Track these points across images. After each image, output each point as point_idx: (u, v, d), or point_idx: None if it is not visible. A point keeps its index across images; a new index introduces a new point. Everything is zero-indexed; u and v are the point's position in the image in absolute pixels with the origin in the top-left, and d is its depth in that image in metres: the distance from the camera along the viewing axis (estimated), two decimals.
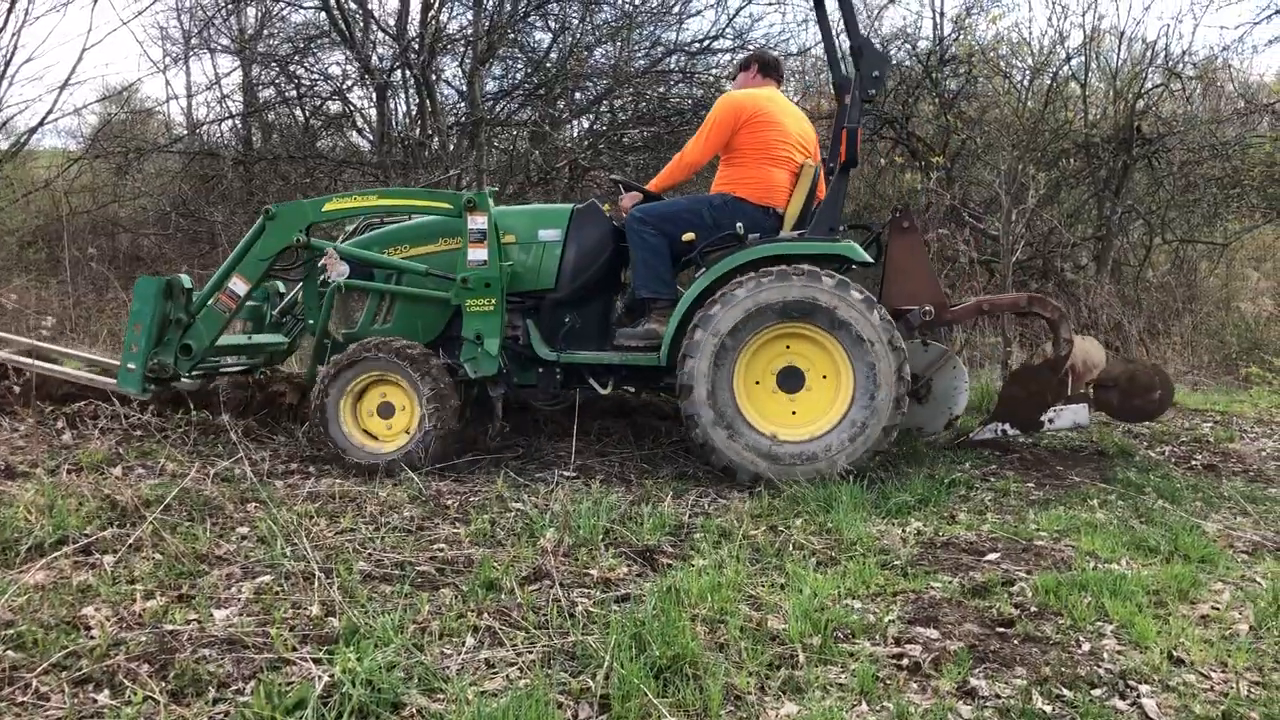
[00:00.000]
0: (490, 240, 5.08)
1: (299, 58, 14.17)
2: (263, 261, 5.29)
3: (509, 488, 4.21)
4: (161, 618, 2.83)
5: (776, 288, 4.74)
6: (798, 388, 4.87)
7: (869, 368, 4.72)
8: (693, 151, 5.30)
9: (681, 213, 5.19)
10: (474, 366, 5.03)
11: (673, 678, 2.51)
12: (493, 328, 5.04)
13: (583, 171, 13.08)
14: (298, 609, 2.92)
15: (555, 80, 12.88)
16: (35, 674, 2.49)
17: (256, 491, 4.05)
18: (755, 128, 5.12)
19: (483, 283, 5.05)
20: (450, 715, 2.29)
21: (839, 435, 4.72)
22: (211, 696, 2.40)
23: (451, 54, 13.18)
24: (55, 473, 4.23)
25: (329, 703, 2.32)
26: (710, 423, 4.71)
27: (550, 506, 3.90)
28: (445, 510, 3.92)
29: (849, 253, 4.98)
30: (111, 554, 3.31)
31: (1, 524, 3.46)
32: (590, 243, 5.28)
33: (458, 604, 2.96)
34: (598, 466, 4.99)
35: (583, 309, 5.32)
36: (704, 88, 14.00)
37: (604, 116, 14.07)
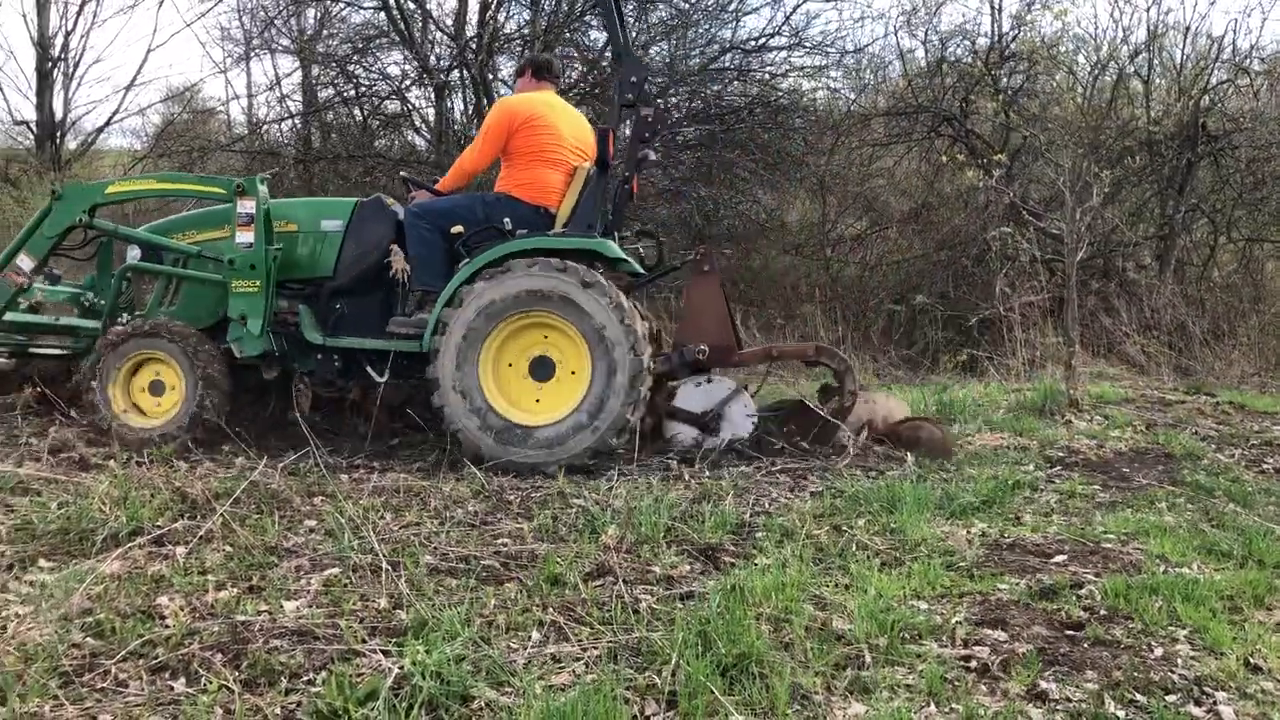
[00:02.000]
0: (258, 224, 5.28)
1: (358, 58, 14.34)
2: (48, 240, 5.52)
3: (570, 484, 4.23)
4: (234, 608, 2.89)
5: (521, 277, 4.92)
6: (547, 377, 5.05)
7: (607, 367, 4.87)
8: (469, 158, 5.49)
9: (456, 209, 5.35)
10: (239, 347, 5.25)
11: (739, 676, 2.50)
12: (257, 309, 5.23)
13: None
14: (366, 601, 2.95)
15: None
16: (114, 661, 2.54)
17: (323, 485, 4.11)
18: (529, 131, 5.28)
19: (248, 265, 5.26)
20: (518, 709, 2.31)
21: (565, 427, 4.87)
22: (284, 686, 2.44)
23: (508, 53, 13.28)
24: (128, 465, 4.32)
25: (399, 694, 2.34)
26: (453, 399, 4.89)
27: (611, 503, 3.91)
28: (508, 505, 3.95)
29: (602, 248, 5.14)
30: (183, 545, 3.38)
31: (79, 515, 3.55)
32: (370, 235, 5.46)
33: (522, 598, 2.98)
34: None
35: (359, 298, 5.49)
36: (759, 85, 13.97)
37: None
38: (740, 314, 10.76)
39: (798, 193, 14.83)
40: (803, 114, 13.76)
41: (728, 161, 13.05)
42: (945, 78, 12.86)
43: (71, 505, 3.67)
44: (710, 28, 13.94)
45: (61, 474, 4.14)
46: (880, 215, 13.89)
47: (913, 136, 13.34)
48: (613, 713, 2.27)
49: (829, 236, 13.72)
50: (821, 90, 14.82)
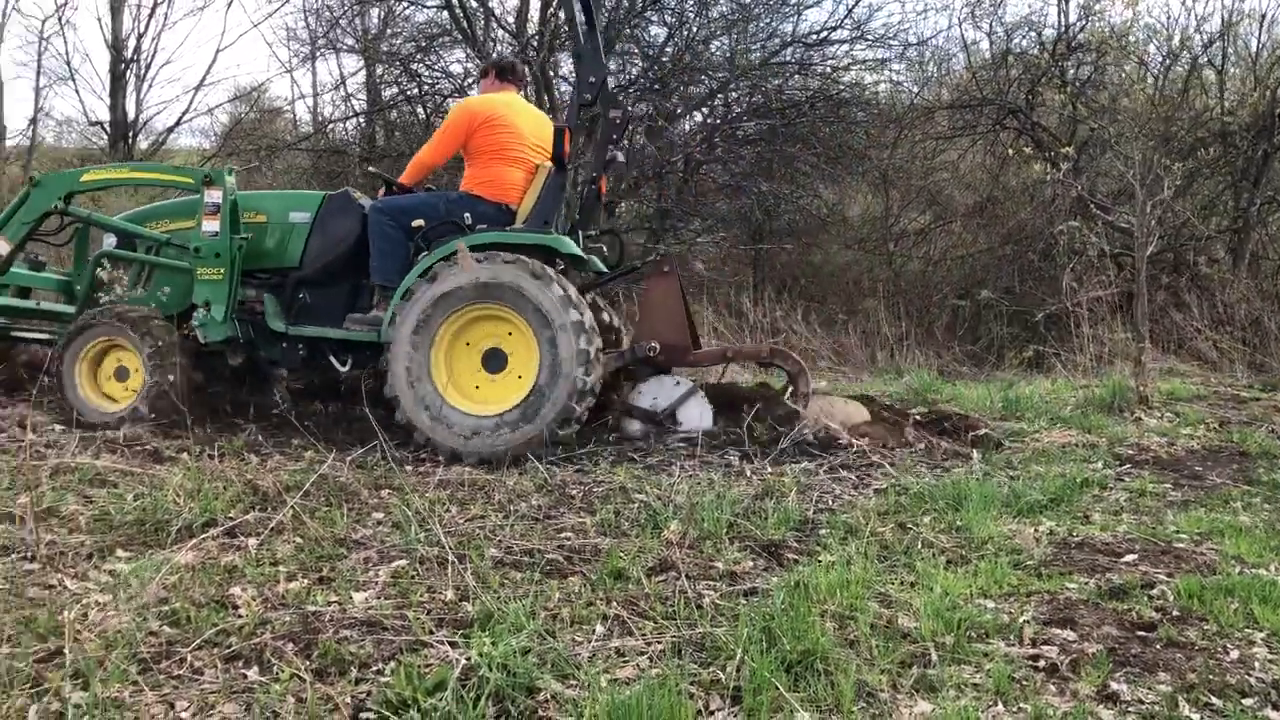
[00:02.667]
0: (223, 214, 5.48)
1: (421, 56, 14.49)
2: (25, 225, 5.79)
3: (632, 479, 4.24)
4: (304, 599, 2.94)
5: (481, 269, 5.06)
6: (500, 369, 5.20)
7: (554, 358, 4.99)
8: (426, 154, 5.66)
9: (419, 205, 5.50)
10: (203, 332, 5.48)
11: (803, 672, 2.49)
12: (220, 296, 5.45)
13: (697, 165, 13.09)
14: (433, 593, 2.99)
15: (671, 75, 12.89)
16: (190, 649, 2.61)
17: (390, 478, 4.17)
18: (489, 131, 5.42)
19: (213, 253, 5.47)
20: (583, 701, 2.32)
21: (513, 416, 4.99)
22: (354, 676, 2.48)
23: (569, 50, 13.33)
24: (200, 458, 4.41)
25: (467, 685, 2.37)
26: (404, 390, 5.05)
27: (673, 499, 3.92)
28: (570, 500, 3.98)
29: (556, 244, 5.28)
30: (255, 537, 3.45)
31: (154, 506, 3.63)
32: (336, 228, 5.63)
33: (586, 592, 2.99)
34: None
35: (323, 289, 5.66)
36: (820, 79, 13.87)
37: (718, 110, 14.03)
38: (801, 310, 10.73)
39: (859, 187, 14.73)
40: (865, 107, 13.64)
41: (788, 156, 12.99)
42: (1010, 70, 12.68)
43: (147, 497, 3.76)
44: (771, 21, 13.87)
45: (137, 466, 4.25)
46: (944, 209, 13.75)
47: (977, 129, 13.17)
48: (677, 707, 2.28)
49: (892, 231, 13.62)
50: (884, 83, 14.71)
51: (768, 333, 9.91)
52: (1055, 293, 10.33)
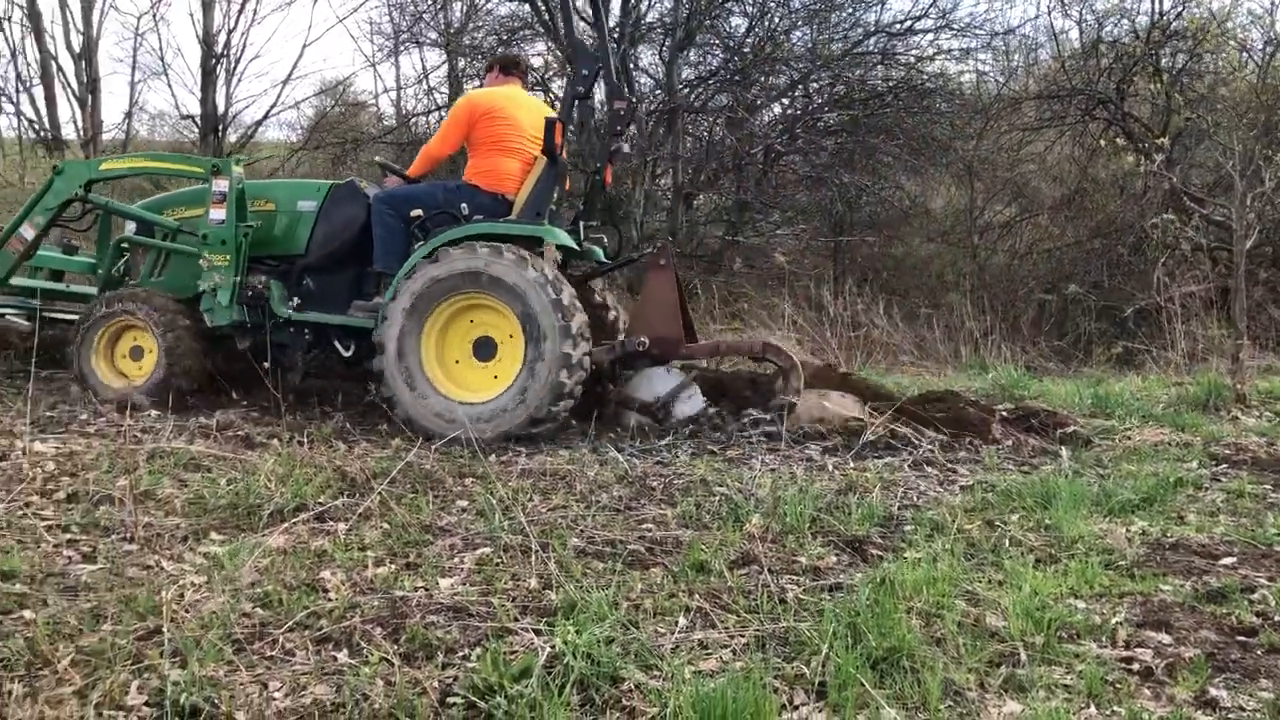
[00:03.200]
0: (229, 202, 5.69)
1: (502, 50, 14.61)
2: (49, 211, 6.05)
3: (712, 471, 4.23)
4: (392, 583, 2.99)
5: (458, 259, 5.18)
6: (490, 356, 5.33)
7: (538, 344, 5.07)
8: (433, 146, 5.86)
9: (419, 195, 5.66)
10: (211, 316, 5.69)
11: (889, 669, 2.47)
12: (226, 281, 5.66)
13: (777, 156, 12.99)
14: (517, 580, 3.02)
15: (752, 66, 12.81)
16: (282, 631, 2.66)
17: (474, 467, 4.22)
18: (489, 123, 5.56)
19: (219, 239, 5.68)
20: (667, 692, 2.33)
21: (500, 403, 5.10)
22: (441, 661, 2.51)
23: (649, 42, 13.33)
24: (289, 444, 4.51)
25: (552, 672, 2.39)
26: (394, 376, 5.18)
27: (754, 493, 3.90)
28: (651, 492, 3.98)
29: (547, 235, 5.40)
30: (344, 522, 3.52)
31: (246, 491, 3.72)
32: (341, 217, 5.79)
33: (668, 584, 3.00)
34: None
35: (327, 275, 5.83)
36: (904, 69, 13.67)
37: (799, 101, 13.92)
38: (883, 303, 10.60)
39: (943, 178, 14.50)
40: (949, 98, 13.41)
41: (870, 147, 12.83)
42: (1101, 58, 12.35)
43: (240, 481, 3.86)
44: (854, 11, 13.70)
45: (229, 452, 4.36)
46: (1030, 202, 13.45)
47: (1065, 120, 12.87)
48: (762, 700, 2.27)
49: (976, 223, 13.37)
50: (969, 73, 14.44)
51: (847, 326, 9.80)
52: (1145, 288, 10.05)
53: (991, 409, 5.69)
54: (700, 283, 11.17)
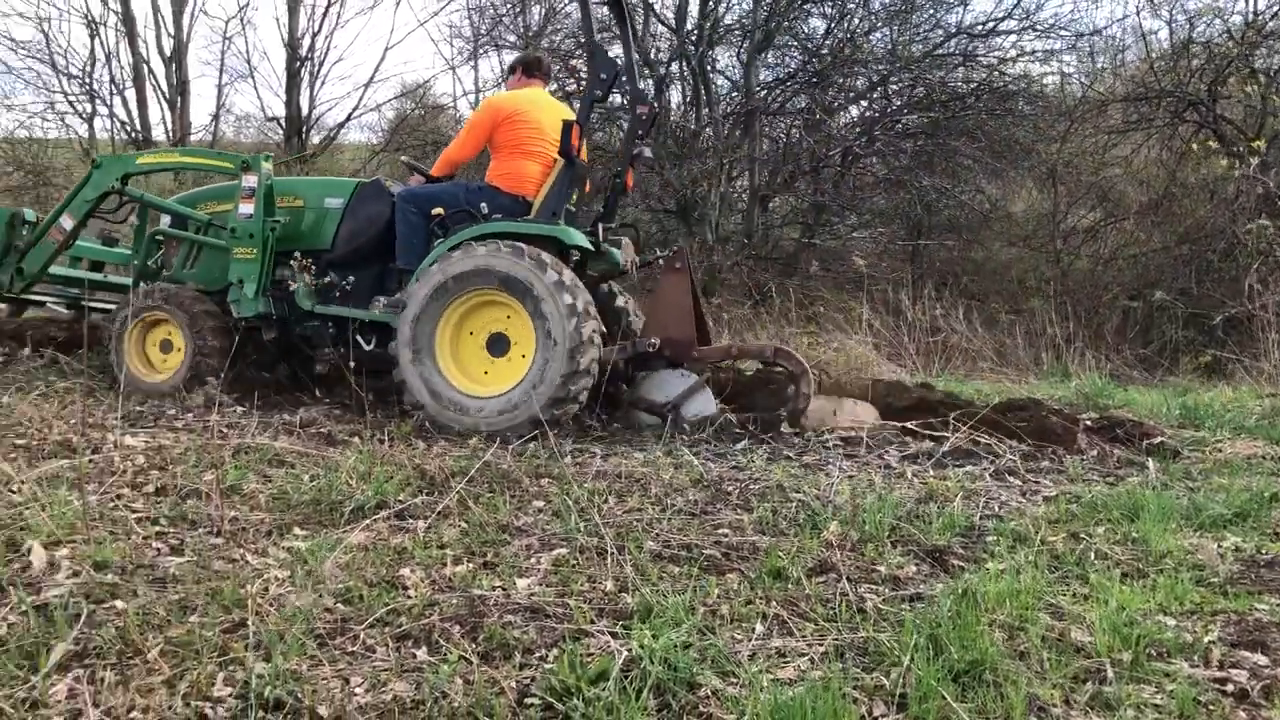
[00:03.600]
0: (258, 198, 5.89)
1: (580, 52, 14.67)
2: (87, 203, 6.29)
3: (789, 477, 4.20)
4: (470, 582, 3.01)
5: (473, 257, 5.31)
6: (503, 353, 5.43)
7: (548, 341, 5.18)
8: (454, 149, 6.00)
9: (441, 194, 5.80)
10: (237, 308, 5.89)
11: (971, 683, 2.42)
12: (253, 274, 5.86)
13: (854, 159, 12.89)
14: (593, 582, 3.02)
15: (831, 68, 12.71)
16: (363, 627, 2.70)
17: (549, 467, 4.24)
18: (511, 126, 5.70)
19: (247, 233, 5.90)
20: (744, 700, 2.31)
21: (510, 399, 5.20)
22: (518, 661, 2.52)
23: (728, 44, 13.32)
24: (369, 442, 4.58)
25: (629, 676, 2.38)
26: (409, 372, 5.32)
27: (832, 499, 3.86)
28: (726, 496, 3.96)
29: (562, 235, 5.51)
30: (423, 520, 3.56)
31: (328, 487, 3.79)
32: (366, 214, 5.96)
33: (745, 590, 2.97)
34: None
35: (352, 270, 5.96)
36: (986, 70, 13.46)
37: (878, 103, 13.78)
38: (962, 308, 10.44)
39: (1024, 182, 14.25)
40: (1032, 100, 13.18)
41: (950, 150, 12.66)
42: (1192, 60, 12.02)
43: (322, 478, 3.92)
44: (935, 12, 13.55)
45: (312, 448, 4.43)
46: (1116, 206, 13.16)
47: (1154, 123, 12.56)
48: (841, 710, 2.24)
49: (1059, 228, 13.11)
50: (1052, 75, 14.19)
51: (925, 331, 9.68)
52: (1236, 295, 9.75)
53: (1075, 418, 5.56)
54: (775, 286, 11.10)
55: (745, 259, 11.80)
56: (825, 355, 8.55)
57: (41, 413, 4.68)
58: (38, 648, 2.53)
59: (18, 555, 3.10)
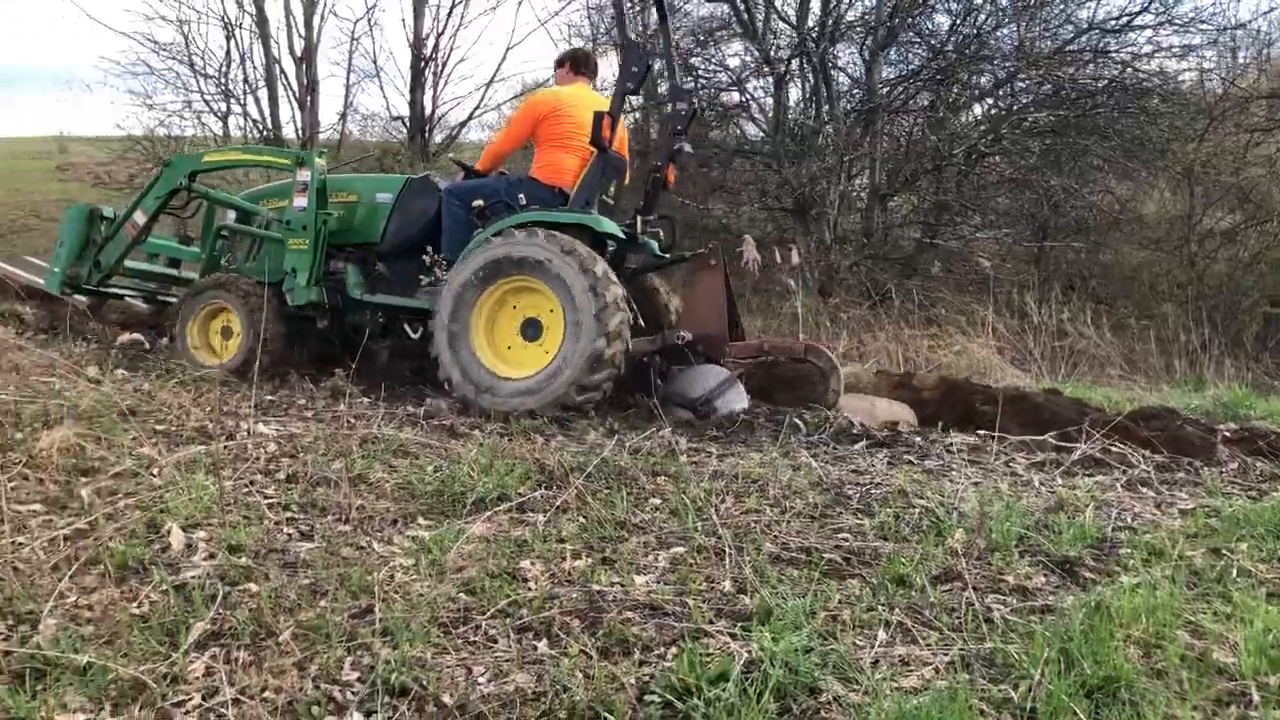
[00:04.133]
0: (310, 192, 6.13)
1: (699, 50, 14.68)
2: (158, 199, 6.57)
3: (911, 482, 4.11)
4: (589, 577, 3.03)
5: (506, 245, 5.49)
6: (536, 337, 5.58)
7: (575, 326, 5.29)
8: (498, 143, 6.29)
9: (482, 188, 6.00)
10: (291, 296, 6.12)
11: (1105, 700, 2.33)
12: (305, 264, 6.10)
13: (978, 158, 12.58)
14: (711, 583, 3.01)
15: (957, 65, 12.43)
16: (485, 617, 2.74)
17: (665, 465, 4.24)
18: (553, 121, 5.88)
19: (301, 225, 6.14)
20: (867, 707, 2.27)
21: (536, 381, 5.35)
22: (637, 658, 2.53)
23: (849, 40, 13.13)
24: (490, 436, 4.65)
25: (749, 678, 2.36)
26: (445, 353, 5.51)
27: (957, 506, 3.76)
28: (847, 500, 3.90)
29: (593, 224, 5.62)
30: (542, 514, 3.59)
31: (450, 479, 3.85)
32: (415, 209, 6.22)
33: (867, 596, 2.92)
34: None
35: (400, 262, 6.19)
36: (1119, 67, 13.00)
37: (1004, 100, 13.43)
38: (1090, 312, 10.09)
39: (1156, 182, 13.73)
40: (1168, 98, 12.68)
41: (1079, 148, 12.26)
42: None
43: (444, 470, 3.99)
44: (1065, 7, 13.13)
45: (435, 440, 4.52)
46: (1258, 208, 12.57)
47: None
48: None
49: (1195, 230, 12.58)
50: (1190, 71, 13.63)
51: (1052, 335, 9.38)
52: None
53: (1213, 428, 5.32)
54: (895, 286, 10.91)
55: (864, 259, 11.61)
56: (946, 358, 8.38)
57: (179, 400, 4.88)
58: (177, 625, 2.63)
59: (158, 536, 3.23)
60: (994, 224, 13.02)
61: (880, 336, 8.90)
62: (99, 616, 2.69)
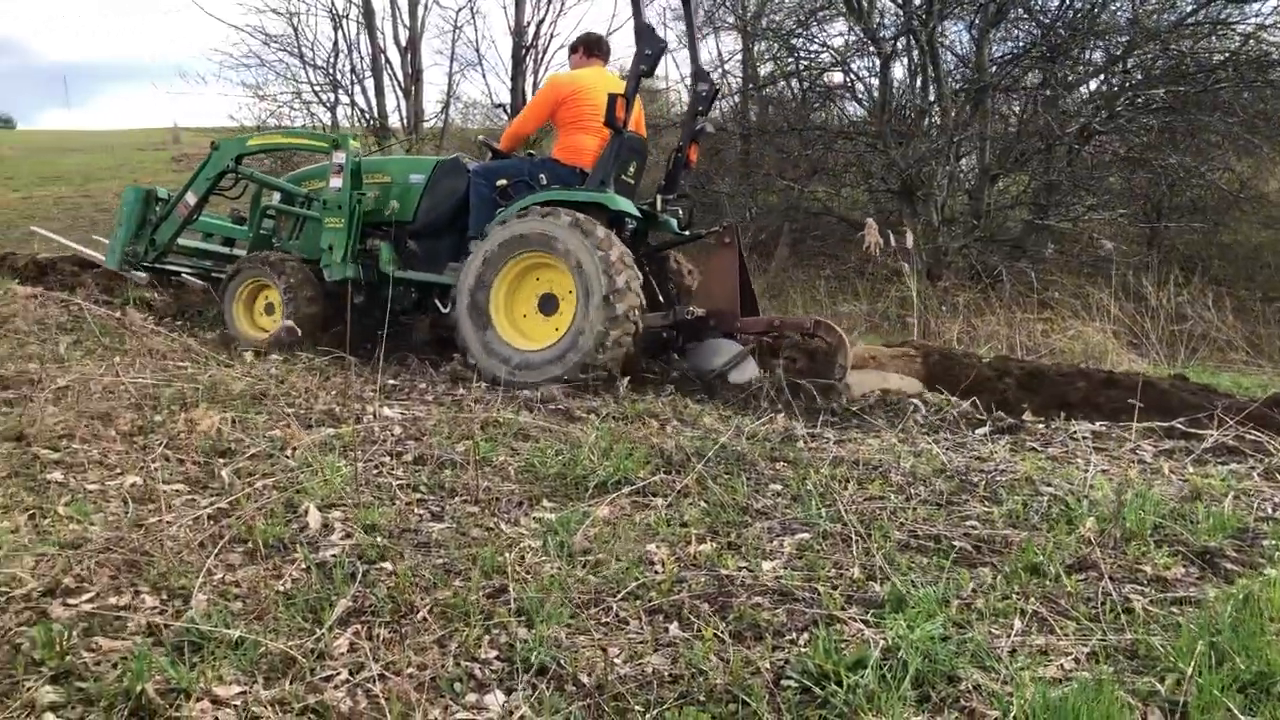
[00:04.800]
0: (345, 173, 6.43)
1: (801, 30, 14.52)
2: (207, 181, 6.95)
3: (1036, 470, 4.03)
4: (716, 561, 3.04)
5: (525, 222, 5.78)
6: (552, 311, 5.84)
7: (587, 302, 5.52)
8: (517, 124, 6.57)
9: (507, 168, 6.32)
10: (329, 272, 6.44)
11: (1259, 696, 2.26)
12: (340, 241, 6.42)
13: (1089, 136, 12.21)
14: (839, 569, 3.00)
15: (1071, 41, 12.07)
16: (616, 599, 2.77)
17: (783, 451, 4.23)
18: (572, 103, 6.11)
19: (336, 205, 6.44)
20: (1010, 696, 2.24)
21: (551, 353, 5.60)
22: (770, 643, 2.53)
23: (957, 18, 12.84)
24: (605, 420, 4.69)
25: (886, 665, 2.35)
26: (465, 327, 5.82)
27: (1088, 494, 3.68)
28: (973, 487, 3.84)
29: (608, 201, 5.81)
30: (662, 498, 3.62)
31: (571, 462, 3.90)
32: (444, 189, 6.48)
33: (1001, 584, 2.88)
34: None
35: (430, 240, 6.49)
36: (1241, 39, 12.47)
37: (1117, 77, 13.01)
38: (1211, 295, 9.74)
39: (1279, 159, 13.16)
40: None
41: (1198, 125, 11.81)
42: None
43: (565, 453, 4.04)
44: None
45: (554, 424, 4.57)
46: None
47: None
48: (1115, 715, 2.14)
49: None
50: None
51: (1170, 319, 9.08)
52: None
53: None
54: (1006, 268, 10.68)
55: (973, 241, 11.37)
56: (1060, 343, 8.18)
57: (307, 384, 5.03)
58: (320, 602, 2.72)
59: (295, 516, 3.34)
60: (1110, 204, 12.61)
61: (991, 320, 8.71)
62: (246, 593, 2.79)
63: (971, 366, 5.82)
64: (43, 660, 2.38)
